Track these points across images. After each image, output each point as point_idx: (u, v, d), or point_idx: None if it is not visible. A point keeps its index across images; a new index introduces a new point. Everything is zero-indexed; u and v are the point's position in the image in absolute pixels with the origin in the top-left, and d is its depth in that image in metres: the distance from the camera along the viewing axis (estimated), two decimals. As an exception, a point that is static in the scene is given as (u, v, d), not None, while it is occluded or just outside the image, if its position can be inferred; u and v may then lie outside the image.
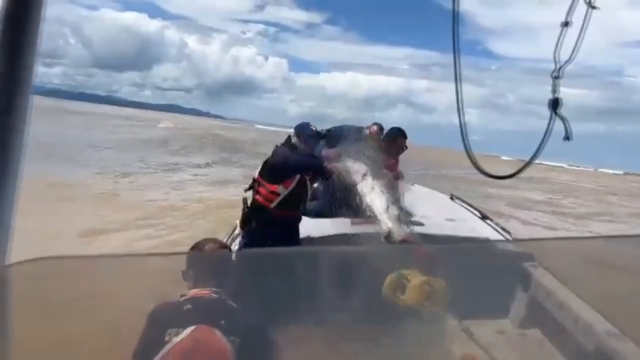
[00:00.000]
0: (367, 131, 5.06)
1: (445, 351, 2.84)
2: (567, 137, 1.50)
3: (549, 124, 1.47)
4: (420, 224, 3.78)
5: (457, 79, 1.52)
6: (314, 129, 3.76)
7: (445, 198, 5.16)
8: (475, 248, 3.49)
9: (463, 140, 1.51)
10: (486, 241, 3.55)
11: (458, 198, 5.03)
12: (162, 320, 1.76)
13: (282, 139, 3.89)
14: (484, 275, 2.87)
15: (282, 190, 3.64)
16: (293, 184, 3.64)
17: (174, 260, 1.96)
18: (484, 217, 4.33)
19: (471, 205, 4.73)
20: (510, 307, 3.30)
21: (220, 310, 1.85)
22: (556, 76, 1.49)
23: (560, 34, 1.44)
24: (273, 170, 3.65)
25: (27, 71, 1.04)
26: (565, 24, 1.43)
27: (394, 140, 4.38)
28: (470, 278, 2.79)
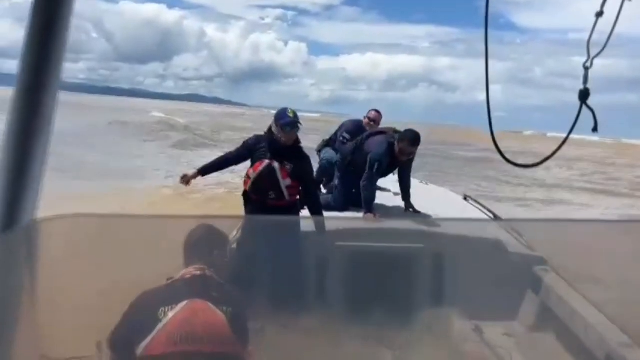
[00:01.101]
0: (365, 120, 5.12)
1: (454, 350, 2.85)
2: (595, 129, 1.48)
3: (577, 116, 1.45)
4: (432, 223, 3.78)
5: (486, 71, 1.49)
6: (290, 115, 3.71)
7: (459, 198, 5.14)
8: (487, 250, 3.49)
9: (492, 132, 1.49)
10: (498, 243, 3.53)
11: (472, 198, 5.02)
12: (152, 303, 1.84)
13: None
14: (494, 277, 2.88)
15: (252, 173, 3.76)
16: (261, 168, 3.71)
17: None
18: (497, 219, 4.32)
19: (484, 207, 4.71)
20: (520, 310, 3.29)
21: (209, 285, 1.94)
22: (587, 67, 1.46)
23: (594, 24, 1.41)
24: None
25: (57, 67, 1.07)
26: (600, 14, 1.41)
27: (402, 145, 4.20)
28: (481, 279, 2.80)
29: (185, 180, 3.88)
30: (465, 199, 5.04)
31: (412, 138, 4.18)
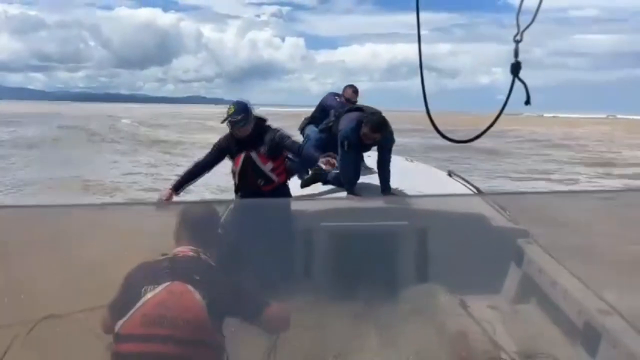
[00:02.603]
0: (342, 99, 4.87)
1: (440, 325, 2.90)
2: (527, 102, 1.49)
3: (510, 90, 1.46)
4: (417, 200, 3.80)
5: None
6: (229, 112, 3.61)
7: (443, 174, 5.17)
8: (471, 224, 3.52)
9: (426, 105, 1.50)
10: (481, 217, 3.57)
11: (456, 174, 5.04)
12: (140, 279, 1.87)
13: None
14: (478, 251, 2.92)
15: (235, 169, 3.77)
16: (240, 162, 3.71)
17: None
18: (480, 194, 4.35)
19: (469, 182, 4.74)
20: (504, 283, 3.35)
21: (196, 268, 1.94)
22: (518, 40, 1.46)
23: None
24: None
25: None
26: None
27: (365, 129, 3.92)
28: (465, 254, 2.83)
29: (165, 200, 3.77)
30: (449, 174, 5.07)
31: (374, 124, 3.86)
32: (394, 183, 4.00)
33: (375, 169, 4.13)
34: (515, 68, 1.46)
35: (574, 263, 2.93)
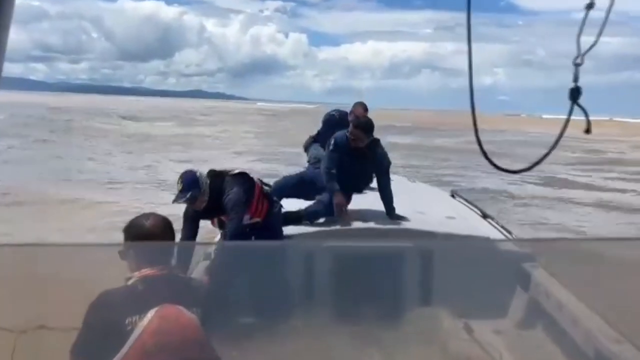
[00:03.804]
0: (351, 116, 4.74)
1: (443, 349, 2.83)
2: (587, 130, 1.38)
3: (568, 117, 1.35)
4: (420, 221, 3.76)
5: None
6: (178, 188, 3.21)
7: (446, 195, 5.14)
8: (476, 247, 3.48)
9: (476, 132, 1.38)
10: (486, 240, 3.53)
11: (459, 195, 5.01)
12: (115, 308, 1.71)
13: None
14: (483, 274, 2.87)
15: (213, 225, 3.54)
16: (215, 223, 3.48)
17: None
18: (485, 216, 4.31)
19: (472, 204, 4.70)
20: (509, 307, 3.28)
21: (175, 286, 1.83)
22: (577, 63, 1.32)
23: (585, 17, 1.31)
24: None
25: None
26: (590, 5, 1.31)
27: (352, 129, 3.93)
28: (470, 277, 2.78)
29: None
30: (452, 196, 5.03)
31: (360, 123, 3.94)
32: (396, 204, 3.95)
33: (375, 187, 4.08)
34: (574, 94, 1.33)
35: (581, 288, 2.87)
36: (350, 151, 3.95)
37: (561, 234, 8.90)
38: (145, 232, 1.87)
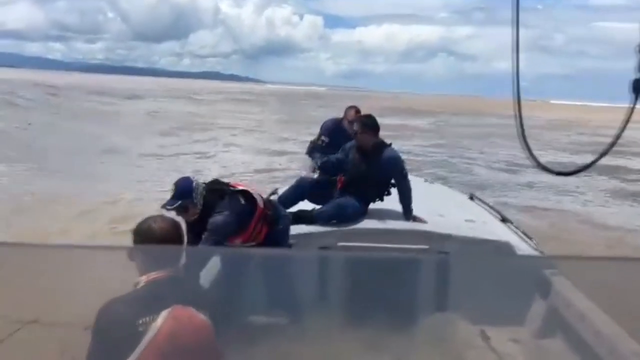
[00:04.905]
0: (345, 121, 4.79)
1: (459, 357, 2.77)
2: None
3: (631, 110, 1.21)
4: (437, 224, 3.68)
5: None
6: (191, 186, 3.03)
7: (465, 198, 5.03)
8: (494, 251, 3.39)
9: (522, 134, 1.28)
10: (506, 245, 3.43)
11: (478, 198, 4.90)
12: (125, 311, 1.69)
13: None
14: (501, 280, 2.78)
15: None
16: None
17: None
18: (504, 220, 4.20)
19: (492, 207, 4.60)
20: (527, 315, 3.19)
21: (184, 289, 1.81)
22: None
23: None
24: None
25: None
26: None
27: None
28: (488, 283, 2.70)
29: None
30: (471, 198, 4.93)
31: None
32: (413, 205, 3.87)
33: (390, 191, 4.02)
34: (638, 85, 1.20)
35: (604, 300, 2.76)
36: (360, 154, 3.92)
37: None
38: (154, 235, 1.85)
